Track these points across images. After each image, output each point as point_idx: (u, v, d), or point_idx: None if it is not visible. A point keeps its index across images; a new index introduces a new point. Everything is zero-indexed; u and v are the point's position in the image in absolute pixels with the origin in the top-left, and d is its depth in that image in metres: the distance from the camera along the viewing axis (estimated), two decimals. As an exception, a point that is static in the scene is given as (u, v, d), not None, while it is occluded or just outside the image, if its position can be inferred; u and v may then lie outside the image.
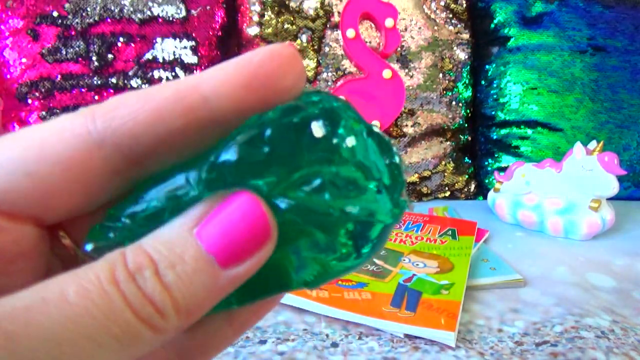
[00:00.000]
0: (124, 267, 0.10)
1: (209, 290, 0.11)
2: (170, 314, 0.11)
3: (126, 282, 0.10)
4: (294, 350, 0.38)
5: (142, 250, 0.11)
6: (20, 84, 0.76)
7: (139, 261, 0.11)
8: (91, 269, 0.10)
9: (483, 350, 0.38)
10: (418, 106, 0.86)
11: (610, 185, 0.61)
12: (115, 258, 0.11)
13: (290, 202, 0.12)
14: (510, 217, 0.71)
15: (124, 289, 0.10)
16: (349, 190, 0.12)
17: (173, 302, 0.11)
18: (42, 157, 0.11)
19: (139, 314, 0.10)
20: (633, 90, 0.83)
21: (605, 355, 0.37)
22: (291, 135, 0.11)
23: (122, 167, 0.12)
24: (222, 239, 0.11)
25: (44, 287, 0.10)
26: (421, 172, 0.87)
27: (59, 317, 0.09)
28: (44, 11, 0.76)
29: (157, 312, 0.10)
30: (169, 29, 0.80)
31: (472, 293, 0.47)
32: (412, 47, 0.85)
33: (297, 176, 0.12)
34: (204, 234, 0.11)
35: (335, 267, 0.14)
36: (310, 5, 0.85)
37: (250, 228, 0.11)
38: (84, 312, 0.10)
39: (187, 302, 0.11)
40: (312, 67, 0.85)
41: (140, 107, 0.11)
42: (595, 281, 0.51)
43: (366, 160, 0.12)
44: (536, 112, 0.85)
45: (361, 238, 0.13)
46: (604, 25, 0.84)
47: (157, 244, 0.11)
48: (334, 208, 0.12)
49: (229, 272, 0.11)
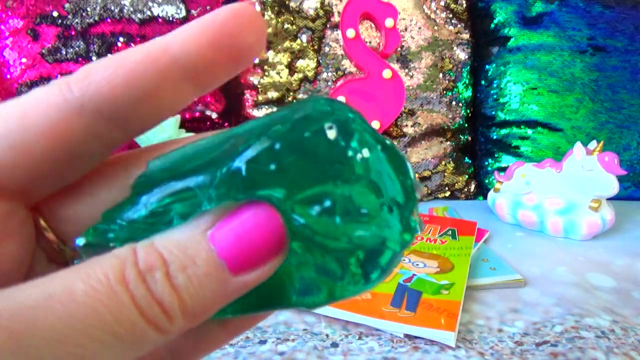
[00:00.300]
0: (135, 266, 0.10)
1: (217, 295, 0.11)
2: (177, 316, 0.11)
3: (136, 283, 0.10)
4: (294, 350, 0.38)
5: (154, 249, 0.11)
6: (20, 84, 0.76)
7: (151, 261, 0.10)
8: (100, 266, 0.10)
9: (483, 350, 0.38)
10: (418, 106, 0.86)
11: (610, 185, 0.61)
12: (126, 255, 0.11)
13: (300, 220, 0.12)
14: (510, 217, 0.71)
15: (133, 290, 0.10)
16: (360, 215, 0.12)
17: (181, 305, 0.11)
18: (24, 129, 0.11)
19: (146, 315, 0.10)
20: (633, 90, 0.83)
21: (606, 355, 0.37)
22: (302, 149, 0.11)
23: (104, 131, 0.12)
24: (235, 245, 0.11)
25: (51, 282, 0.10)
26: (421, 172, 0.87)
27: (66, 316, 0.09)
28: (44, 11, 0.76)
29: (164, 313, 0.10)
30: (169, 29, 0.79)
31: (472, 293, 0.47)
32: (412, 47, 0.85)
33: (308, 194, 0.11)
34: (218, 238, 0.11)
35: (340, 292, 0.13)
36: (310, 5, 0.85)
37: (265, 237, 0.11)
38: (91, 311, 0.10)
39: (194, 305, 0.11)
40: (312, 67, 0.85)
41: (114, 72, 0.11)
42: (595, 281, 0.51)
43: (379, 179, 0.12)
44: (536, 112, 0.85)
45: (371, 264, 0.13)
46: (604, 25, 0.84)
47: (170, 244, 0.11)
48: (344, 234, 0.12)
49: (239, 279, 0.11)
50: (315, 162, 0.11)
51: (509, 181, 0.71)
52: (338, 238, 0.12)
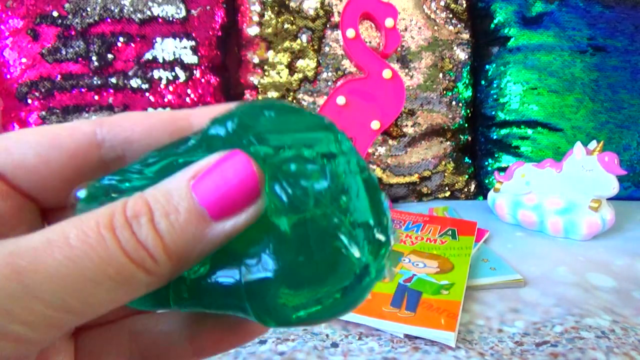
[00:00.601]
0: (122, 214, 0.12)
1: (198, 240, 0.12)
2: (161, 259, 0.12)
3: (122, 229, 0.11)
4: (294, 350, 0.38)
5: (142, 198, 0.12)
6: (20, 84, 0.76)
7: (137, 209, 0.12)
8: (93, 214, 0.12)
9: (483, 351, 0.38)
10: (418, 106, 0.86)
11: (610, 185, 0.61)
12: (117, 205, 0.12)
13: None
14: (510, 217, 0.71)
15: (119, 235, 0.11)
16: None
17: (165, 248, 0.12)
18: (54, 145, 0.14)
19: (132, 258, 0.11)
20: (633, 90, 0.83)
21: (606, 356, 0.37)
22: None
23: (111, 163, 0.15)
24: (214, 193, 0.12)
25: (50, 230, 0.11)
26: (421, 172, 0.87)
27: (62, 257, 0.11)
28: (44, 11, 0.76)
29: (150, 256, 0.11)
30: (169, 29, 0.80)
31: (472, 293, 0.47)
32: (412, 47, 0.85)
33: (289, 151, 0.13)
34: (200, 187, 0.12)
35: (311, 315, 0.13)
36: (310, 5, 0.85)
37: (240, 184, 0.12)
38: (83, 254, 0.11)
39: (178, 249, 0.12)
40: (312, 67, 0.85)
41: (140, 122, 0.15)
42: (595, 281, 0.51)
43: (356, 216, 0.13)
44: (536, 112, 0.85)
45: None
46: (604, 25, 0.84)
47: (158, 193, 0.12)
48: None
49: (218, 225, 0.12)
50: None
51: (509, 181, 0.71)
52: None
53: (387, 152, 0.85)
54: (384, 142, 0.86)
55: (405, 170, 0.86)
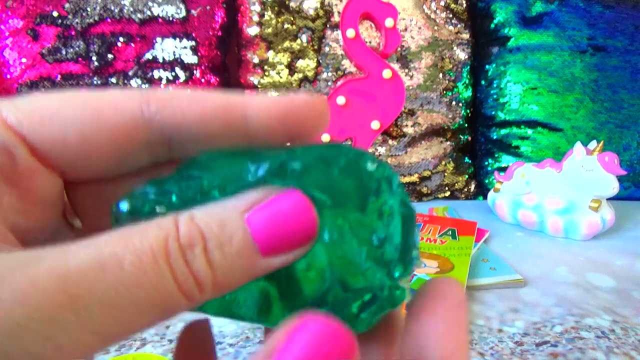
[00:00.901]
0: (176, 240, 0.11)
1: (244, 273, 0.12)
2: (208, 288, 0.11)
3: (176, 257, 0.11)
4: (294, 350, 0.38)
5: (194, 224, 0.11)
6: (20, 84, 0.76)
7: (192, 236, 0.11)
8: (145, 237, 0.11)
9: (483, 351, 0.38)
10: (418, 106, 0.86)
11: (610, 185, 0.61)
12: (169, 228, 0.11)
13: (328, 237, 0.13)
14: (510, 217, 0.71)
15: (174, 264, 0.11)
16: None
17: (214, 279, 0.11)
18: (99, 124, 0.13)
19: (182, 287, 0.11)
20: (633, 90, 0.83)
21: (606, 356, 0.37)
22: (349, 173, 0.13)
23: (156, 148, 0.14)
24: (269, 229, 0.12)
25: (99, 249, 0.11)
26: (421, 172, 0.87)
27: (115, 283, 0.10)
28: (44, 11, 0.76)
29: (197, 285, 0.11)
30: (169, 29, 0.80)
31: (472, 293, 0.47)
32: (412, 47, 0.85)
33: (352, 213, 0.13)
34: (254, 220, 0.12)
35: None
36: (310, 5, 0.85)
37: (298, 225, 0.12)
38: (135, 281, 0.10)
39: (224, 280, 0.12)
40: (312, 67, 0.85)
41: (191, 106, 0.13)
42: (595, 281, 0.51)
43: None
44: (536, 112, 0.85)
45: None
46: (604, 25, 0.84)
47: (210, 220, 0.12)
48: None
49: (266, 261, 0.12)
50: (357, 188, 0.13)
51: (509, 181, 0.71)
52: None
53: (387, 152, 0.85)
54: (384, 142, 0.86)
55: (405, 170, 0.86)
